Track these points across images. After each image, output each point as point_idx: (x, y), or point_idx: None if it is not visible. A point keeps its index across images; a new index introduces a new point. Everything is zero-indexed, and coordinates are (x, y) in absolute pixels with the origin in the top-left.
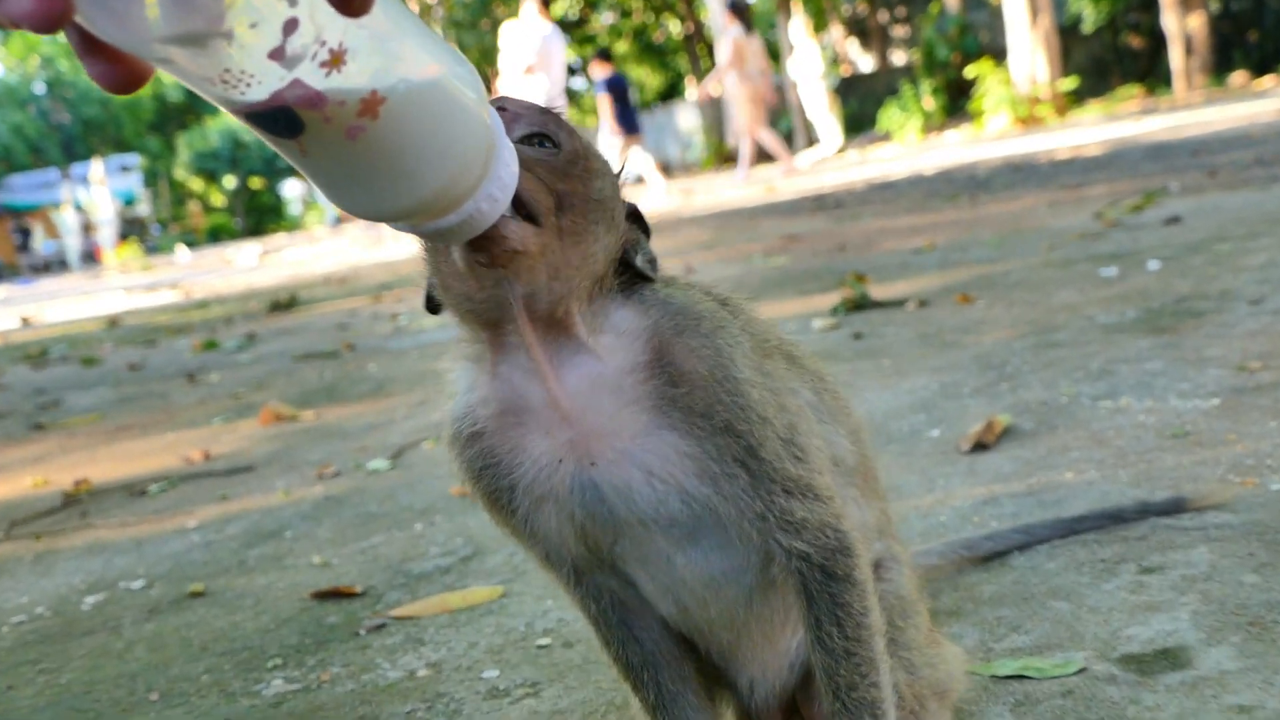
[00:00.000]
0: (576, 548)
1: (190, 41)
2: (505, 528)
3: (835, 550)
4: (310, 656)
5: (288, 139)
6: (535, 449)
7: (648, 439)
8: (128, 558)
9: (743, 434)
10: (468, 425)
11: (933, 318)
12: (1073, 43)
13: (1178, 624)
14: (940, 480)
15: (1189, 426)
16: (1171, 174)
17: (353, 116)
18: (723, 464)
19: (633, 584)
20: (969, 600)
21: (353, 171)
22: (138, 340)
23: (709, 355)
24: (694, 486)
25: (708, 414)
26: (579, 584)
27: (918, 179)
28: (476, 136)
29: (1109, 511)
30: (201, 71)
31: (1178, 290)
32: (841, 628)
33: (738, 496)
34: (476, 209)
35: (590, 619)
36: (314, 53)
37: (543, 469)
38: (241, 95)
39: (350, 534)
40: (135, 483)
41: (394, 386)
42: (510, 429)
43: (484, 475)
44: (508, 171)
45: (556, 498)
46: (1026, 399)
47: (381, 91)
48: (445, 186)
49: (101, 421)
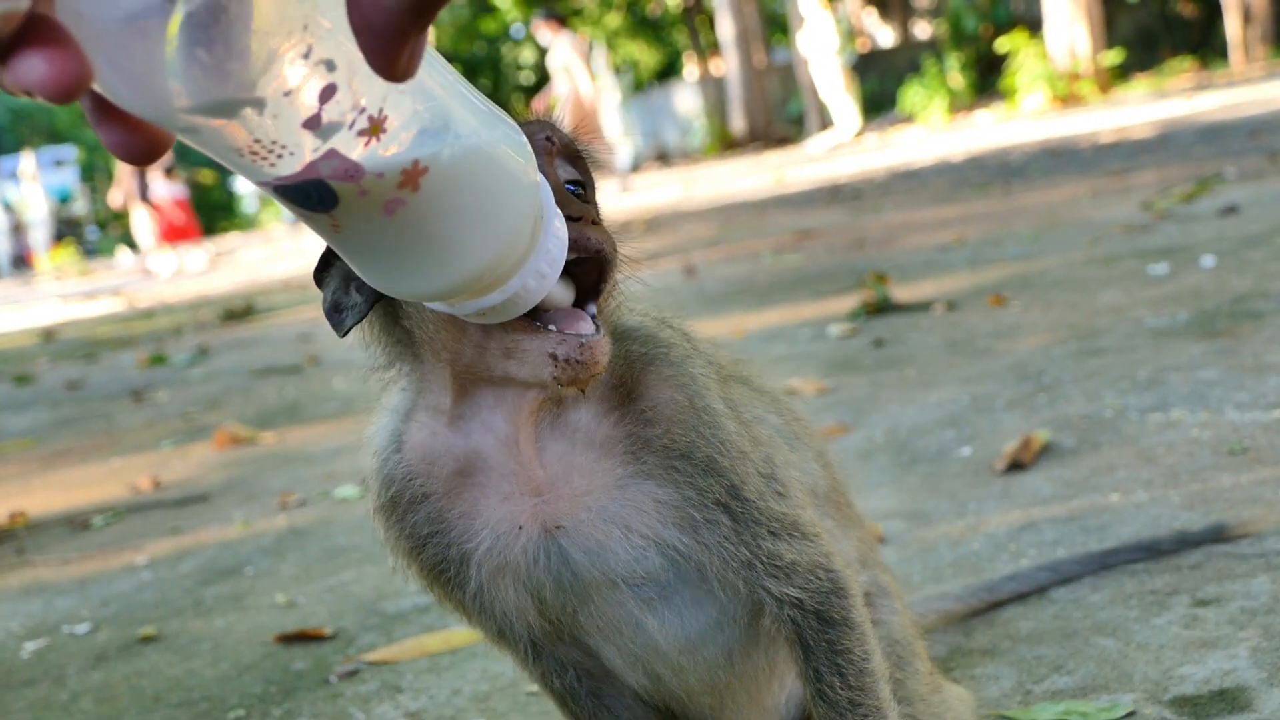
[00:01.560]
0: (535, 621)
1: (219, 111)
2: (449, 603)
3: (829, 592)
4: (276, 707)
5: (320, 214)
6: (493, 514)
7: (624, 491)
8: (70, 599)
9: (724, 471)
10: (408, 487)
11: (962, 322)
12: (1117, 11)
13: (1236, 662)
14: (972, 504)
15: (1248, 442)
16: (1228, 158)
17: (392, 189)
18: (704, 509)
19: (597, 655)
20: (1005, 637)
21: (390, 248)
22: (76, 355)
23: (684, 383)
24: (674, 537)
25: (687, 452)
26: (538, 659)
27: (944, 166)
28: (524, 206)
29: (1144, 543)
30: (230, 142)
31: (1235, 289)
32: (844, 677)
33: (721, 544)
34: (523, 286)
35: (554, 695)
36: (352, 121)
37: (500, 536)
38: (271, 168)
39: (317, 570)
40: (77, 515)
41: (363, 404)
42: (464, 490)
43: (428, 545)
44: (556, 243)
45: (515, 568)
46: (1067, 413)
47: (424, 161)
48: (490, 263)
49: (37, 446)
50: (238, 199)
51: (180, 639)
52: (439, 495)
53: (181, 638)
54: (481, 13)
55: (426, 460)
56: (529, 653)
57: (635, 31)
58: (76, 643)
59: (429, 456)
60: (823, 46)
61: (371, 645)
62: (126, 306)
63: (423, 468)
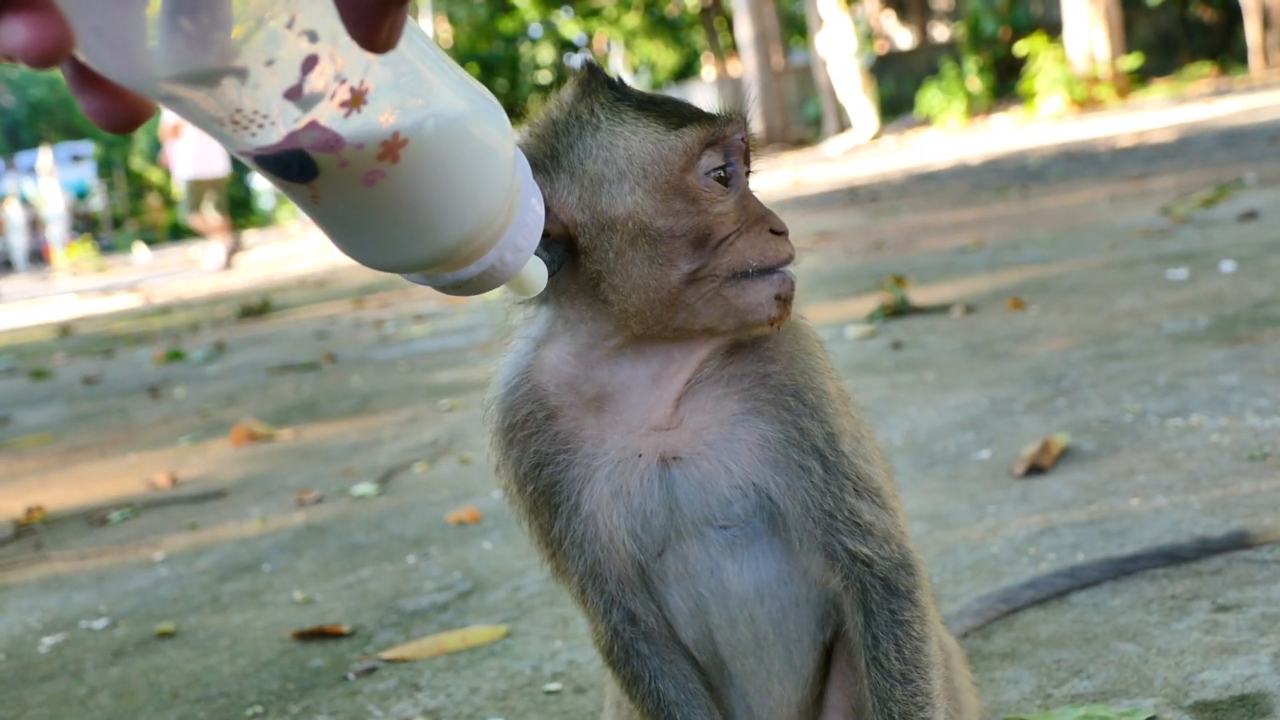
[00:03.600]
0: (632, 555)
1: (201, 80)
2: (547, 535)
3: (899, 564)
4: (294, 703)
5: (299, 184)
6: (618, 441)
7: (736, 427)
8: (88, 594)
9: (826, 418)
10: (533, 412)
11: (980, 325)
12: (1136, 15)
13: (1257, 668)
14: (991, 508)
15: (1269, 447)
16: (1247, 163)
17: (372, 160)
18: (801, 452)
19: (662, 609)
20: (1025, 641)
21: (368, 220)
22: (93, 350)
23: (801, 337)
24: (769, 478)
25: (798, 392)
26: (618, 605)
27: (962, 169)
28: (501, 180)
29: (1164, 550)
30: (211, 111)
31: (1255, 294)
32: (900, 649)
33: (809, 490)
34: (499, 259)
35: (621, 650)
36: (333, 92)
37: (621, 462)
38: (252, 137)
39: (335, 567)
40: (94, 510)
41: (380, 402)
42: (593, 416)
43: (549, 465)
44: (534, 217)
45: (628, 494)
46: (1086, 417)
47: (404, 133)
48: (468, 235)
49: (55, 442)
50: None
51: (198, 635)
52: (567, 419)
53: (199, 634)
54: (500, 12)
55: (561, 385)
56: (612, 596)
57: (653, 32)
58: (94, 638)
59: (567, 381)
60: (841, 48)
61: (390, 643)
62: (143, 302)
63: (554, 391)
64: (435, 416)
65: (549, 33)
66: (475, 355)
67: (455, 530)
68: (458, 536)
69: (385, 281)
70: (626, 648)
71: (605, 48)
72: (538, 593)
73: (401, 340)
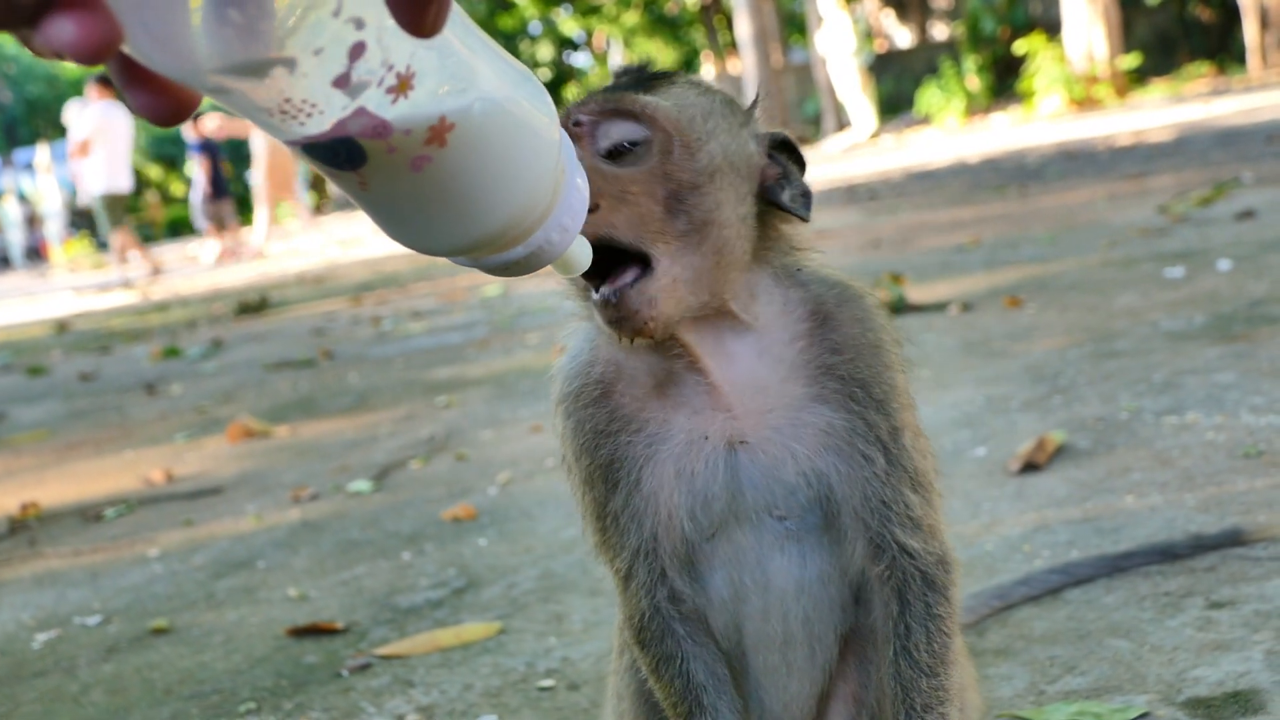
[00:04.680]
0: (686, 535)
1: (249, 71)
2: (603, 508)
3: (940, 560)
4: (287, 700)
5: (348, 171)
6: (684, 423)
7: (802, 413)
8: (82, 590)
9: (892, 412)
10: (597, 385)
11: (977, 323)
12: (1135, 15)
13: (1250, 664)
14: (986, 504)
15: (1263, 445)
16: (1245, 163)
17: (419, 145)
18: (866, 443)
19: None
20: (1019, 637)
21: (415, 204)
22: (90, 347)
23: (873, 326)
24: (831, 465)
25: (867, 384)
26: (664, 584)
27: (960, 167)
28: (547, 161)
29: (1159, 547)
30: (259, 102)
31: (1252, 293)
32: (930, 641)
33: (869, 480)
34: (546, 240)
35: (659, 627)
36: (381, 78)
37: (690, 443)
38: (301, 126)
39: (330, 564)
40: (89, 506)
41: (377, 399)
42: (656, 398)
43: (611, 440)
44: (578, 197)
45: (693, 476)
46: (1082, 414)
47: (450, 117)
48: (515, 217)
49: (50, 438)
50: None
51: (192, 631)
52: (629, 397)
53: (193, 630)
54: (499, 9)
55: (624, 362)
56: (660, 573)
57: (653, 30)
58: (88, 634)
59: (630, 360)
60: (840, 47)
61: (383, 639)
62: (140, 299)
63: (617, 367)
64: (432, 413)
65: (548, 30)
66: (473, 352)
67: (450, 527)
68: (453, 533)
69: (383, 278)
70: (664, 625)
71: (604, 45)
72: (532, 590)
73: (399, 337)
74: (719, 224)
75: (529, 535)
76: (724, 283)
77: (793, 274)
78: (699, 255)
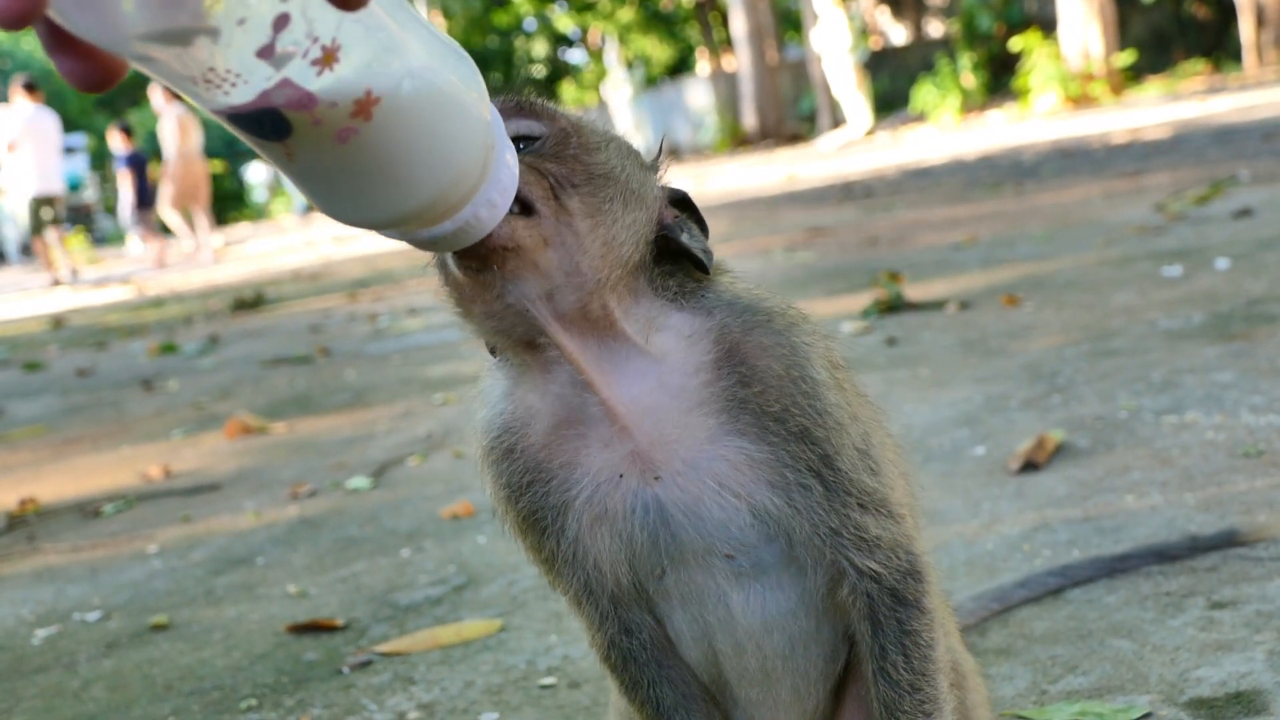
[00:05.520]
0: (624, 575)
1: (173, 39)
2: (539, 554)
3: (906, 573)
4: (288, 697)
5: (273, 142)
6: (594, 463)
7: (716, 445)
8: (81, 586)
9: (819, 441)
10: (508, 436)
11: (975, 322)
12: (1130, 12)
13: (1252, 664)
14: (986, 504)
15: (1263, 445)
16: (1241, 160)
17: (345, 118)
18: (797, 473)
19: (664, 624)
20: (1020, 637)
21: (342, 176)
22: (86, 342)
23: (784, 353)
24: (765, 498)
25: (782, 417)
26: (612, 619)
27: (956, 165)
28: (476, 137)
29: (1155, 548)
30: (183, 70)
31: (1249, 292)
32: (908, 658)
33: (811, 509)
34: (474, 215)
35: (618, 657)
36: (306, 50)
37: (601, 485)
38: (225, 96)
39: (329, 561)
40: (88, 502)
41: (374, 396)
42: (565, 442)
43: (527, 492)
44: (508, 173)
45: (613, 518)
46: (1081, 413)
47: (376, 91)
48: (442, 192)
49: (48, 434)
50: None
51: (191, 628)
52: (538, 446)
53: (193, 626)
54: (494, 6)
55: (522, 412)
56: (608, 613)
57: (648, 26)
58: (87, 630)
59: (523, 409)
60: (835, 44)
61: (384, 636)
62: (137, 294)
63: (518, 418)
64: (429, 410)
65: (543, 27)
66: (470, 349)
67: (449, 524)
68: (452, 530)
69: (380, 274)
70: (623, 655)
71: (599, 42)
72: (532, 587)
73: (396, 334)
74: (608, 218)
75: None
76: (601, 277)
77: (696, 299)
78: (581, 235)
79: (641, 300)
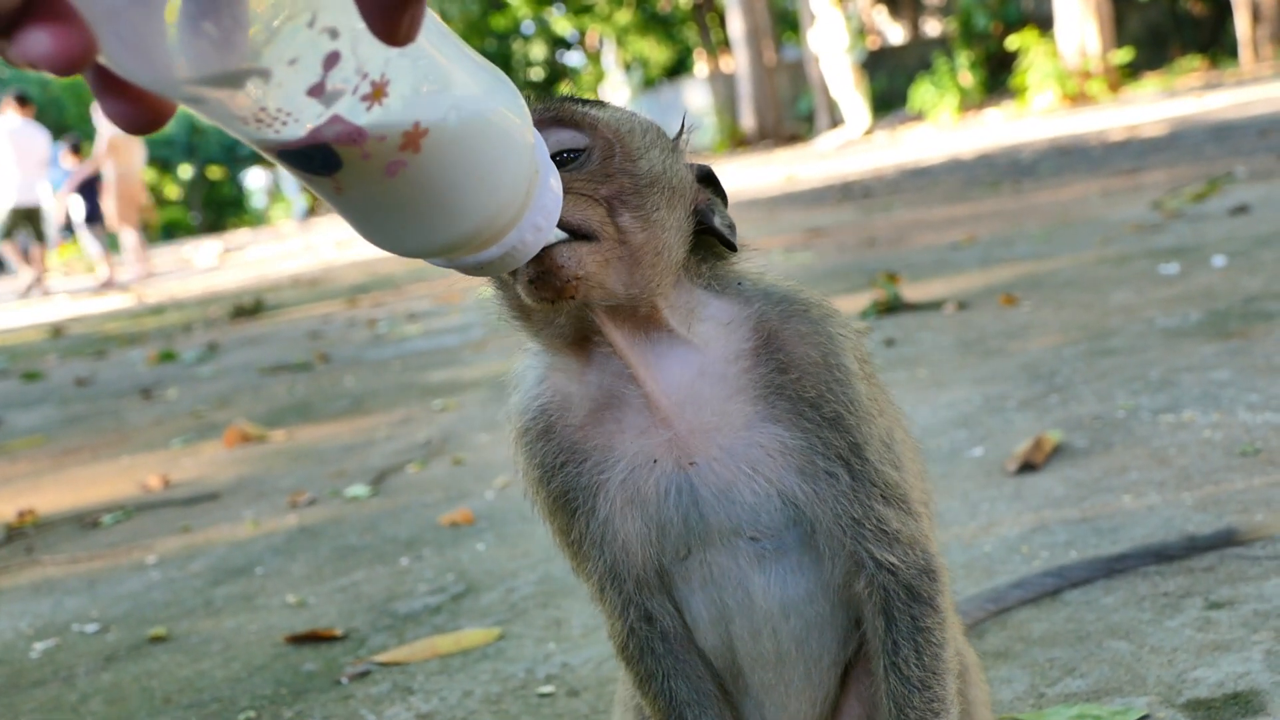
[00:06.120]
0: (651, 557)
1: (225, 82)
2: (568, 536)
3: (922, 571)
4: (286, 708)
5: (323, 176)
6: (629, 448)
7: (752, 432)
8: (80, 598)
9: (850, 428)
10: (545, 418)
11: (973, 322)
12: (1127, 10)
13: (1250, 665)
14: (984, 505)
15: (1260, 443)
16: (1238, 157)
17: (394, 151)
18: (827, 460)
19: (683, 610)
20: (1018, 640)
21: (390, 208)
22: (85, 351)
23: (820, 341)
24: (794, 485)
25: (817, 403)
26: (635, 605)
27: (954, 164)
28: (520, 163)
29: (1152, 549)
30: (234, 111)
31: (1247, 289)
32: (920, 655)
33: (836, 498)
34: (520, 240)
35: (636, 646)
36: (355, 86)
37: (636, 468)
38: (276, 134)
39: (328, 570)
40: (86, 513)
41: (373, 403)
42: (601, 425)
43: (561, 472)
44: (552, 198)
45: (645, 501)
46: (1079, 413)
47: (424, 123)
48: (489, 219)
49: (47, 444)
50: (247, 195)
51: (190, 639)
52: (575, 428)
53: (191, 638)
54: (492, 9)
55: (565, 396)
56: (631, 598)
57: (645, 28)
58: (86, 642)
59: (567, 394)
60: (833, 44)
61: (383, 646)
62: (135, 302)
63: (560, 402)
64: (428, 417)
65: (541, 30)
66: (469, 355)
67: (448, 532)
68: (451, 538)
69: (379, 280)
70: (641, 645)
71: (597, 44)
72: (531, 595)
73: (395, 340)
74: (659, 226)
75: (527, 540)
76: (656, 282)
77: (734, 289)
78: (637, 249)
79: (682, 290)
